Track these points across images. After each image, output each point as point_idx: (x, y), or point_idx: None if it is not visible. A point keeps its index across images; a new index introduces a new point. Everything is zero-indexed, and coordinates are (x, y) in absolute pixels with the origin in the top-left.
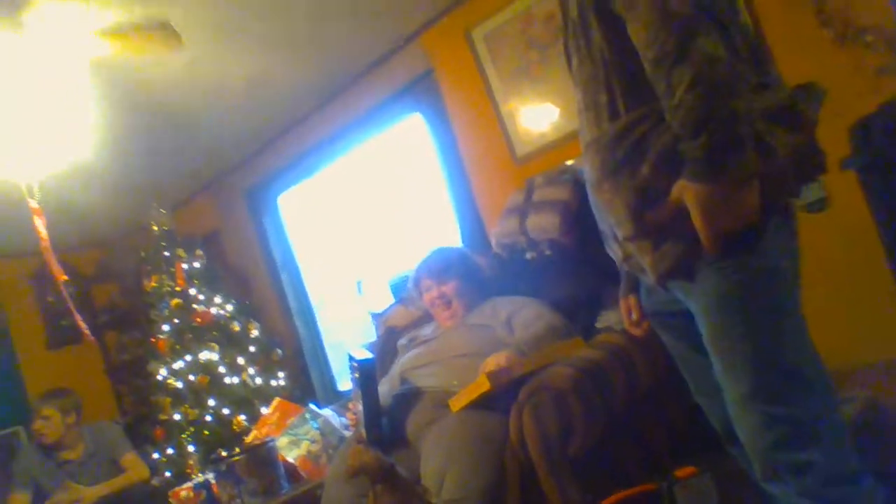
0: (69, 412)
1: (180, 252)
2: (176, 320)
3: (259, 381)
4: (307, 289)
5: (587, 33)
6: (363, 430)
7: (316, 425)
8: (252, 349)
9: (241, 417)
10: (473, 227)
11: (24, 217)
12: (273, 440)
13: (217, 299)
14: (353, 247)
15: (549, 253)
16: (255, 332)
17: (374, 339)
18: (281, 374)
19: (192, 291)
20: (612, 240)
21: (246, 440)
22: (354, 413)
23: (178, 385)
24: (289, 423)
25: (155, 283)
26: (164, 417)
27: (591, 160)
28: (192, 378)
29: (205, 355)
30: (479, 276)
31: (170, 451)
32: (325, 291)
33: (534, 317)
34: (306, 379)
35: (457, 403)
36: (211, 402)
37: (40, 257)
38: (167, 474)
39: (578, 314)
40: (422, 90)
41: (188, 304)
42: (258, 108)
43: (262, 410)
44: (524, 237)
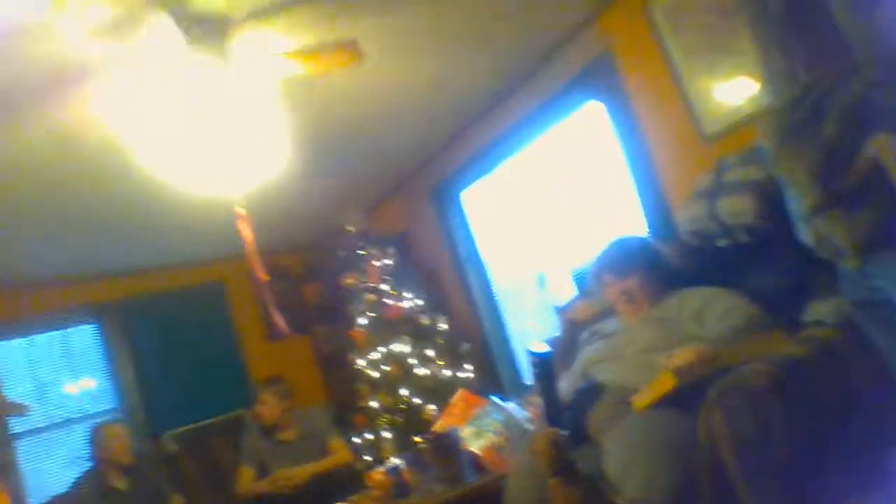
0: (284, 398)
1: (374, 251)
2: (371, 314)
3: (447, 372)
4: (492, 283)
5: None
6: (544, 425)
7: (499, 417)
8: (440, 342)
9: (431, 407)
10: (659, 214)
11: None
12: (456, 430)
13: (407, 294)
14: (536, 239)
15: (745, 239)
16: (443, 326)
17: (557, 333)
18: (468, 366)
19: (385, 287)
20: (801, 220)
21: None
22: (536, 407)
23: (374, 375)
24: (473, 414)
25: (352, 281)
26: (363, 404)
27: (767, 129)
28: (386, 368)
29: (397, 347)
30: (665, 267)
31: (369, 436)
32: (510, 285)
33: (728, 309)
34: (493, 372)
35: (640, 401)
36: (403, 391)
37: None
38: (367, 458)
39: (781, 306)
40: (600, 75)
41: (381, 299)
42: (438, 108)
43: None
44: (715, 222)
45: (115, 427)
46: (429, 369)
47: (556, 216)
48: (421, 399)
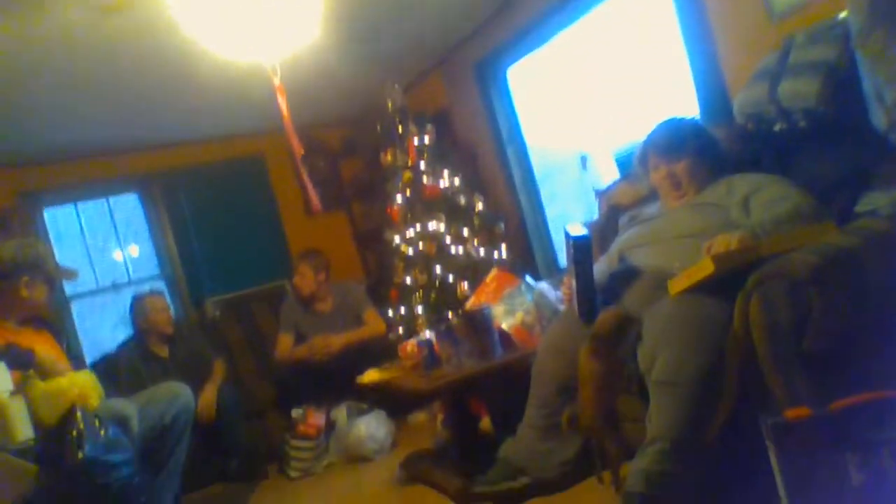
0: (319, 270)
1: (412, 128)
2: (407, 192)
3: (482, 252)
4: (532, 164)
5: None
6: (576, 307)
7: (531, 297)
8: (476, 221)
9: (464, 284)
10: (715, 95)
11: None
12: (489, 307)
13: (445, 173)
14: (581, 119)
15: (803, 124)
16: (479, 206)
17: (596, 216)
18: (503, 246)
19: (423, 165)
20: (878, 102)
21: (466, 306)
22: (569, 288)
23: (409, 252)
24: (505, 293)
25: (390, 158)
26: (398, 280)
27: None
28: (421, 246)
29: (432, 225)
30: (716, 151)
31: (402, 310)
32: (551, 166)
33: (777, 196)
34: (528, 253)
35: (677, 286)
36: (437, 268)
37: (297, 134)
38: (399, 330)
39: (835, 196)
40: None
41: (418, 177)
42: None
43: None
44: (774, 105)
45: (156, 298)
46: (463, 248)
47: (603, 96)
48: (454, 277)
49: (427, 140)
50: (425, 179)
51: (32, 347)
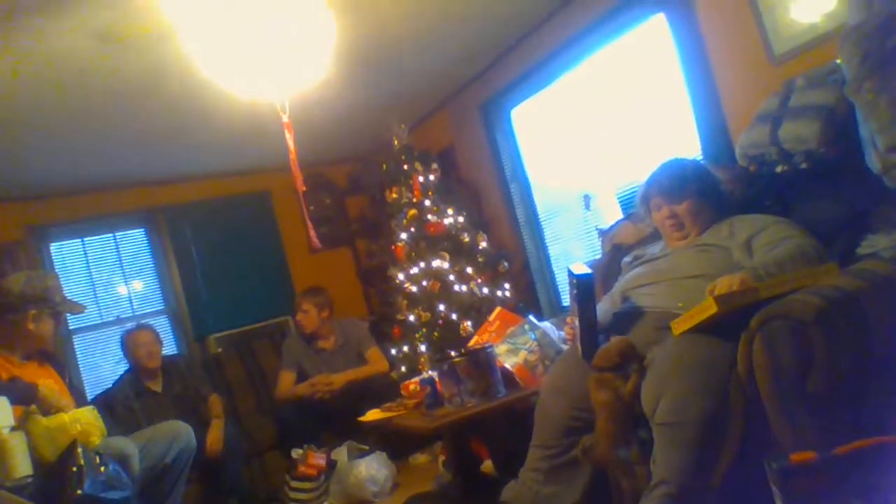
0: (323, 308)
1: (417, 166)
2: (412, 229)
3: (486, 290)
4: (535, 203)
5: None
6: (579, 346)
7: (534, 336)
8: (480, 259)
9: (468, 323)
10: (716, 136)
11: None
12: (492, 346)
13: (450, 211)
14: (583, 159)
15: (804, 166)
16: (483, 244)
17: (600, 255)
18: (507, 285)
19: (427, 203)
20: (872, 147)
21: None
22: (572, 328)
23: (413, 289)
24: (508, 332)
25: (395, 195)
26: (401, 318)
27: (851, 52)
28: (424, 283)
29: (436, 263)
30: (718, 192)
31: (405, 348)
32: (554, 205)
33: (779, 238)
34: (531, 292)
35: (680, 326)
36: (441, 306)
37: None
38: (402, 369)
39: (837, 237)
40: None
41: (423, 214)
42: (489, 21)
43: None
44: (775, 147)
45: (141, 333)
46: (467, 286)
47: (606, 136)
48: (458, 315)
49: (432, 178)
50: (430, 217)
51: (36, 382)
